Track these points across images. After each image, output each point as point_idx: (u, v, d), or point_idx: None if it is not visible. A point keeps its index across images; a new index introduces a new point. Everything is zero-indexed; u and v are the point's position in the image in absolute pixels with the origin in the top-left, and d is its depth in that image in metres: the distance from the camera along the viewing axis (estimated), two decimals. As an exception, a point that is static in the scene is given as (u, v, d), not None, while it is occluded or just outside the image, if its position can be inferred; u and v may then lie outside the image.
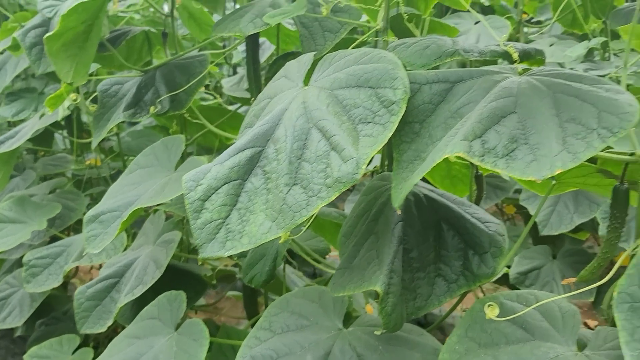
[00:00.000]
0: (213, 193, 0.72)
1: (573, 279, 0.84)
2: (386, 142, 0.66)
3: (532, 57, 0.80)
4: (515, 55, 0.74)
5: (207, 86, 2.95)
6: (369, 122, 0.68)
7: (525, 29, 2.50)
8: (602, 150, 0.62)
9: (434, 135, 0.69)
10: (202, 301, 2.22)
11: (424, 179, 0.92)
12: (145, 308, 1.12)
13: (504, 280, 2.13)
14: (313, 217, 0.71)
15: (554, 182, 1.05)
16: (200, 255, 0.70)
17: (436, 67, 0.80)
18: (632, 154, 0.76)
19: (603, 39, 1.81)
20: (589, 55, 2.05)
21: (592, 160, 0.84)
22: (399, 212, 0.68)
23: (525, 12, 2.56)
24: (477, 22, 1.95)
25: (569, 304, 0.76)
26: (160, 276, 1.22)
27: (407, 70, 0.78)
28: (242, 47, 2.21)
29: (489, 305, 0.71)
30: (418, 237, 0.84)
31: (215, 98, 2.08)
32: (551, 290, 1.92)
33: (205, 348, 0.97)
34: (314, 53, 0.85)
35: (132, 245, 1.41)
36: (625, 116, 0.60)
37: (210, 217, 0.71)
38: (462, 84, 0.71)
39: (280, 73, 0.86)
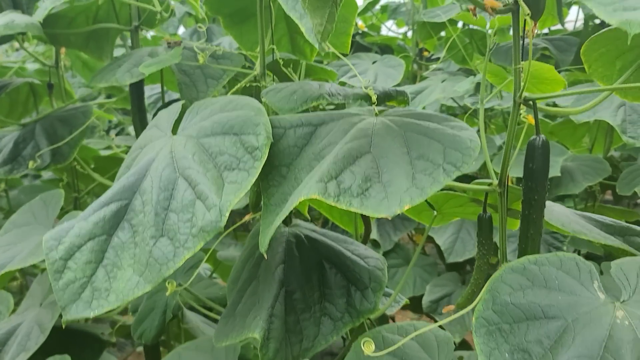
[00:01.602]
0: (76, 251, 0.69)
1: (452, 307, 0.87)
2: (250, 187, 0.67)
3: (393, 98, 0.85)
4: (374, 98, 0.78)
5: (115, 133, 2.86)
6: (234, 169, 0.69)
7: (419, 67, 2.64)
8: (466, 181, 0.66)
9: (299, 178, 0.71)
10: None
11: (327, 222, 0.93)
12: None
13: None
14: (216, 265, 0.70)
15: (435, 213, 1.10)
16: (64, 317, 0.67)
17: (305, 111, 0.82)
18: (490, 184, 0.82)
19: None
20: (477, 89, 2.19)
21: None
22: (265, 256, 0.68)
23: (426, 50, 2.72)
24: (374, 62, 2.04)
25: (444, 333, 0.79)
26: (46, 340, 1.14)
27: (278, 114, 0.80)
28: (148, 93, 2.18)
29: (365, 342, 0.72)
30: (301, 278, 0.84)
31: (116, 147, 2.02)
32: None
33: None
34: (182, 102, 0.85)
35: (18, 309, 1.31)
36: (467, 151, 0.64)
37: (73, 277, 0.68)
38: (325, 126, 0.74)
39: (152, 122, 0.85)
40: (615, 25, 0.56)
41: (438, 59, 2.85)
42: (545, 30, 2.43)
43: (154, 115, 1.32)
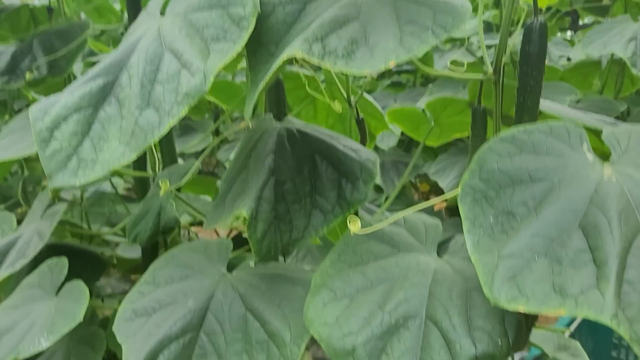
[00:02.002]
0: (62, 122, 0.69)
1: (444, 204, 0.86)
2: (235, 56, 0.66)
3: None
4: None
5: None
6: (220, 40, 0.67)
7: None
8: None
9: (287, 53, 0.69)
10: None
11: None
12: (26, 278, 1.06)
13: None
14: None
15: (432, 124, 1.09)
16: (50, 185, 0.67)
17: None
18: (485, 73, 0.80)
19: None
20: None
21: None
22: (250, 125, 0.68)
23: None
24: None
25: (433, 219, 0.78)
26: (47, 251, 1.16)
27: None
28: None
29: (351, 220, 0.72)
30: (292, 169, 0.84)
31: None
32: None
33: (84, 307, 0.93)
34: (171, -16, 0.84)
35: (20, 228, 1.33)
36: (458, 15, 0.63)
37: (59, 146, 0.68)
38: (314, 2, 0.72)
39: (143, 10, 0.84)
40: None
41: None
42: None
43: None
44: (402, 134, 2.20)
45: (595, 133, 0.70)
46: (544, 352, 1.24)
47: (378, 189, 2.31)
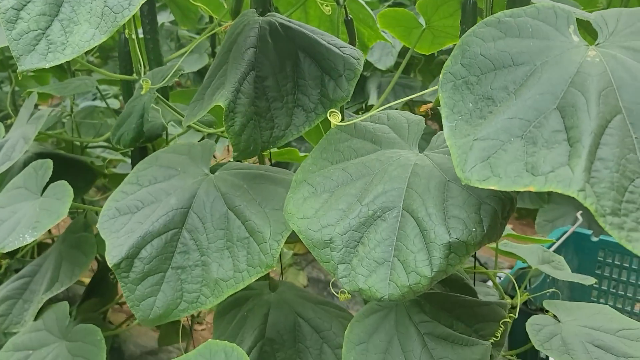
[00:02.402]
0: (29, 2, 0.66)
1: (429, 105, 0.84)
2: None
3: None
4: None
5: None
6: None
7: None
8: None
9: None
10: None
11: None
12: (12, 180, 1.06)
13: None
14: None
15: (424, 27, 1.05)
16: (19, 68, 0.65)
17: None
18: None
19: None
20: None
21: None
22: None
23: None
24: None
25: (416, 116, 0.77)
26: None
27: None
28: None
29: (332, 113, 0.70)
30: (274, 66, 0.81)
31: None
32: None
33: (68, 205, 0.93)
34: None
35: (7, 135, 1.32)
36: None
37: (27, 27, 0.65)
38: None
39: None
40: None
41: None
42: None
43: None
44: (400, 54, 2.15)
45: (585, 27, 0.67)
46: (528, 264, 1.26)
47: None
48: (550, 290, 1.22)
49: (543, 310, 1.04)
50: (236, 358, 0.81)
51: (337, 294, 0.80)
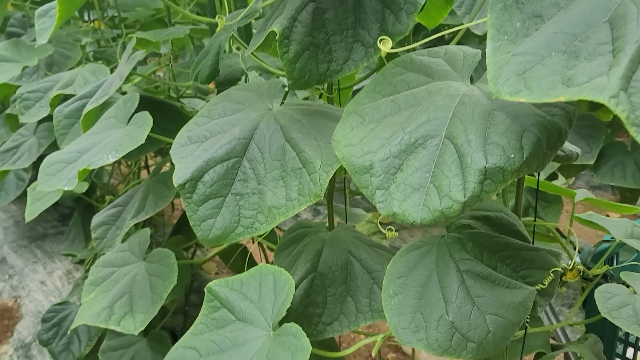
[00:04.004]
0: None
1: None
2: None
3: None
4: None
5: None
6: None
7: None
8: None
9: None
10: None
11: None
12: (106, 112, 1.17)
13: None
14: None
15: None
16: None
17: None
18: None
19: None
20: None
21: None
22: None
23: None
24: None
25: (473, 49, 0.74)
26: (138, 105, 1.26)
27: None
28: None
29: (382, 40, 0.69)
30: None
31: None
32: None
33: (146, 132, 1.01)
34: None
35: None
36: None
37: None
38: None
39: None
40: None
41: None
42: None
43: None
44: None
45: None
46: (612, 237, 1.17)
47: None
48: (632, 262, 1.12)
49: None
50: (283, 282, 0.85)
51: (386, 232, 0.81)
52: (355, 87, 1.56)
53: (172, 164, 1.53)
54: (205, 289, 0.89)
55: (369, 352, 2.20)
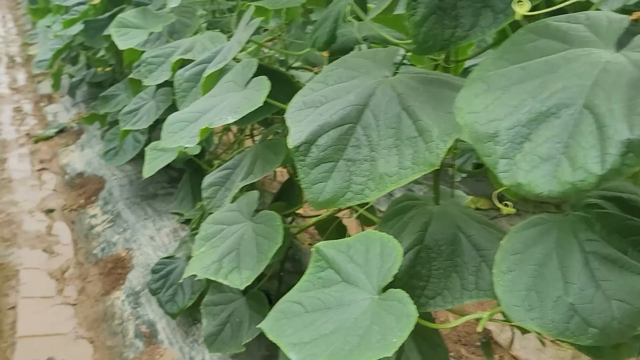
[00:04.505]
0: None
1: (644, 10, 0.73)
2: None
3: None
4: None
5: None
6: None
7: None
8: None
9: None
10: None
11: None
12: (224, 76, 1.23)
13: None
14: None
15: None
16: None
17: None
18: None
19: None
20: None
21: None
22: None
23: None
24: None
25: (619, 15, 0.68)
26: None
27: None
28: None
29: (518, 3, 0.66)
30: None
31: None
32: None
33: (264, 96, 1.04)
34: None
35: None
36: None
37: None
38: None
39: None
40: None
41: None
42: None
43: None
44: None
45: None
46: None
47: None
48: None
49: None
50: (391, 249, 0.85)
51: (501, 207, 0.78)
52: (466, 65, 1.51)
53: (276, 133, 1.58)
54: (313, 249, 0.91)
55: (457, 336, 2.16)
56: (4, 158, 3.60)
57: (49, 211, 3.02)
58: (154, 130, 2.53)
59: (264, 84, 1.07)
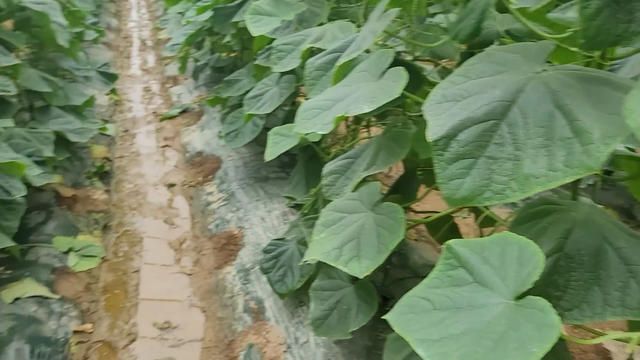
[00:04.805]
0: None
1: None
2: None
3: None
4: None
5: None
6: None
7: None
8: None
9: None
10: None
11: None
12: (357, 66, 1.23)
13: None
14: None
15: None
16: None
17: None
18: None
19: None
20: None
21: None
22: None
23: None
24: None
25: None
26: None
27: None
28: None
29: None
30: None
31: None
32: None
33: (401, 88, 1.03)
34: None
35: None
36: None
37: None
38: None
39: None
40: None
41: None
42: None
43: None
44: None
45: None
46: None
47: None
48: None
49: None
50: (530, 254, 0.81)
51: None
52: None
53: (404, 122, 1.55)
54: (444, 246, 0.89)
55: (572, 353, 2.03)
56: (134, 134, 3.92)
57: (170, 185, 3.24)
58: (269, 116, 2.62)
59: (401, 75, 1.06)
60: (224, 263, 2.48)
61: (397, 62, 1.22)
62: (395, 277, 2.10)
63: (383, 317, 0.87)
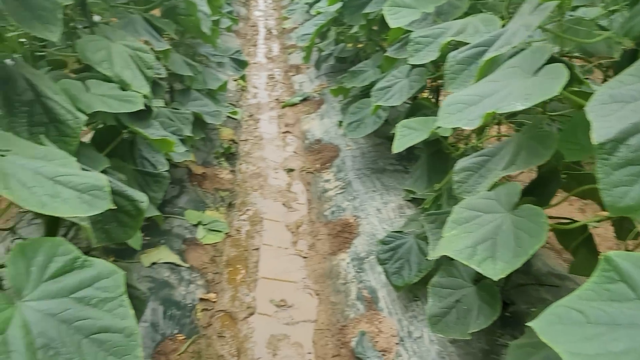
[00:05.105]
0: None
1: None
2: None
3: None
4: None
5: None
6: None
7: None
8: None
9: None
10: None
11: None
12: (507, 60, 1.18)
13: None
14: None
15: None
16: None
17: None
18: None
19: None
20: None
21: None
22: None
23: None
24: None
25: None
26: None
27: None
28: None
29: None
30: None
31: None
32: None
33: (561, 85, 0.98)
34: None
35: (506, 26, 1.45)
36: None
37: None
38: None
39: None
40: None
41: None
42: None
43: None
44: None
45: None
46: None
47: None
48: None
49: None
50: None
51: None
52: None
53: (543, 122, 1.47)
54: (602, 257, 0.84)
55: None
56: (258, 119, 4.11)
57: (289, 170, 3.35)
58: (391, 109, 2.61)
59: (561, 72, 1.00)
60: (338, 250, 2.53)
61: (551, 58, 1.16)
62: (517, 282, 2.01)
63: (527, 324, 0.84)
